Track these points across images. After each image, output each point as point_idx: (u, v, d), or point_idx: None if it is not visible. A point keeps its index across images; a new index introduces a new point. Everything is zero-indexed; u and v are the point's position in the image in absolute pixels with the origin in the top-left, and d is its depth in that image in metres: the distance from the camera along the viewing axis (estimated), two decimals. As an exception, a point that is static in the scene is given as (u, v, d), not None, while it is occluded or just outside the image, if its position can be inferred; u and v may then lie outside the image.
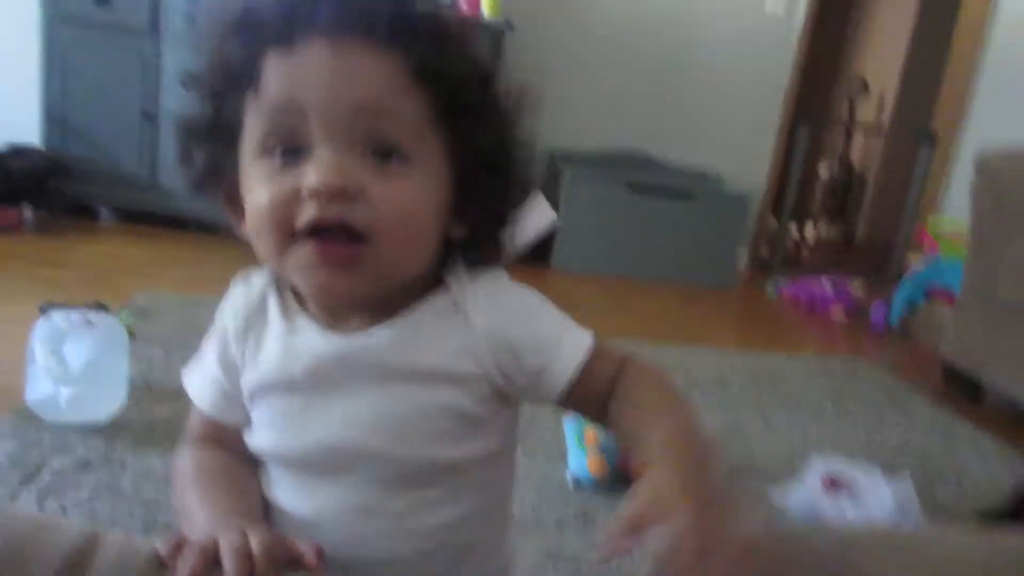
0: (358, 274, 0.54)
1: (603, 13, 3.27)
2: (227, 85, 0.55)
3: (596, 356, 0.60)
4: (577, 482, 1.33)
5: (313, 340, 0.58)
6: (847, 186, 4.78)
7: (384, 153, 0.53)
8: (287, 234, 0.53)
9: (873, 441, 1.70)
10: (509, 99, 0.60)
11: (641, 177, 3.17)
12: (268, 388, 0.60)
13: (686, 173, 3.40)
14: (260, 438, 0.61)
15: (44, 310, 1.72)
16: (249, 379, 0.60)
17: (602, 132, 3.39)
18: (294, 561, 0.51)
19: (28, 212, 2.52)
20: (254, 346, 0.61)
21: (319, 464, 0.59)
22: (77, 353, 1.32)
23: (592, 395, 0.60)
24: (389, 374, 0.57)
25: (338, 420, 0.58)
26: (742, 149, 3.49)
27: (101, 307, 1.68)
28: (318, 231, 0.52)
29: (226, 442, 0.64)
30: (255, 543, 0.49)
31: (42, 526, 0.39)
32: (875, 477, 1.36)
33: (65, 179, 2.63)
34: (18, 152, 2.60)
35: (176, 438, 1.31)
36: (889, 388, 2.10)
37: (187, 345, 1.78)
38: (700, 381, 1.94)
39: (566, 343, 0.60)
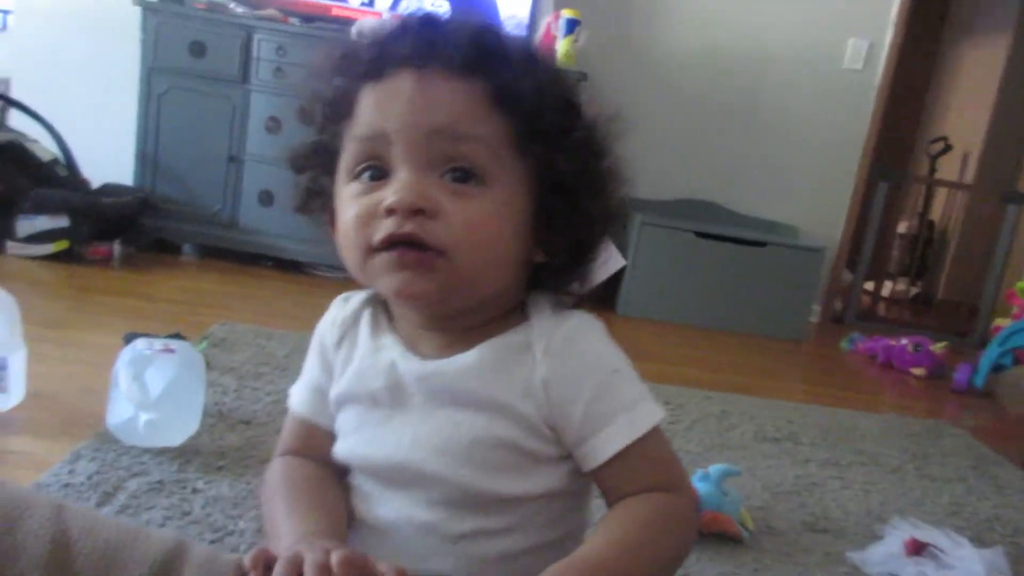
0: (432, 278, 0.56)
1: (677, 63, 3.30)
2: (328, 117, 0.60)
3: (643, 453, 0.58)
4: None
5: (394, 359, 0.61)
6: (927, 243, 4.63)
7: (461, 175, 0.56)
8: (368, 249, 0.57)
9: (960, 509, 1.60)
10: (596, 130, 0.61)
11: (712, 225, 3.14)
12: (352, 398, 0.63)
13: (758, 223, 3.36)
14: (341, 445, 0.64)
15: (128, 339, 1.79)
16: (338, 388, 0.64)
17: (673, 181, 3.38)
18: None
19: (117, 247, 2.66)
20: (345, 357, 0.65)
21: (389, 477, 0.61)
22: (157, 380, 1.36)
23: (618, 484, 0.58)
24: (458, 402, 0.59)
25: (408, 439, 0.60)
26: (817, 202, 3.43)
27: (180, 337, 1.75)
28: (393, 245, 0.55)
29: (316, 453, 0.66)
30: (336, 559, 0.50)
31: (133, 534, 0.40)
32: (963, 546, 1.28)
33: (152, 216, 2.77)
34: (112, 191, 2.75)
35: (246, 466, 1.34)
36: (976, 454, 1.99)
37: (259, 375, 1.82)
38: (770, 434, 1.88)
39: (616, 425, 0.58)
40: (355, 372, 0.64)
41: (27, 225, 2.47)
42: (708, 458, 1.64)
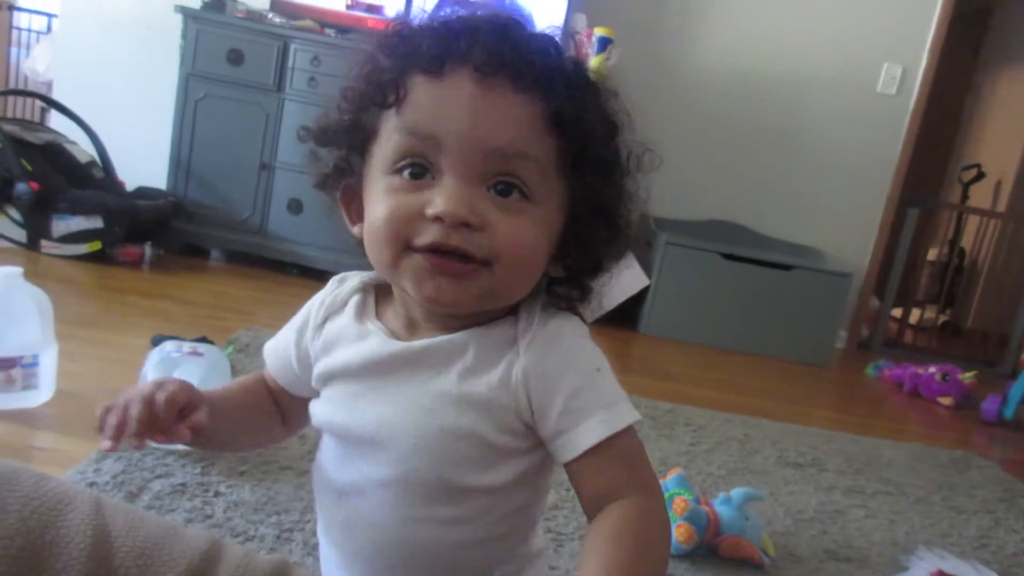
0: (467, 288, 0.56)
1: (708, 84, 3.29)
2: (372, 96, 0.58)
3: (619, 451, 0.58)
4: (662, 552, 1.28)
5: (375, 344, 0.62)
6: (957, 271, 4.56)
7: (506, 189, 0.56)
8: (403, 247, 0.56)
9: (988, 542, 1.57)
10: (629, 154, 0.61)
11: (738, 247, 3.13)
12: (333, 376, 0.65)
13: (785, 246, 3.34)
14: (319, 410, 0.66)
15: (156, 341, 1.81)
16: (319, 368, 0.66)
17: (700, 202, 3.37)
18: (189, 409, 0.58)
19: (148, 249, 2.70)
20: (328, 341, 0.66)
21: (357, 447, 0.62)
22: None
23: (588, 481, 0.58)
24: (431, 386, 0.60)
25: (380, 416, 0.61)
26: (846, 227, 3.40)
27: (208, 341, 1.76)
28: (435, 251, 0.55)
29: (277, 393, 0.71)
30: (161, 392, 0.56)
31: (172, 531, 0.41)
32: (990, 578, 1.25)
33: (183, 221, 2.81)
34: (145, 194, 2.79)
35: (267, 471, 1.34)
36: (1005, 486, 1.95)
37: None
38: (793, 459, 1.85)
39: (595, 419, 0.57)
40: (339, 356, 0.64)
41: (62, 225, 2.51)
42: (730, 482, 1.63)
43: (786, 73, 3.29)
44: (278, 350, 0.71)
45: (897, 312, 3.73)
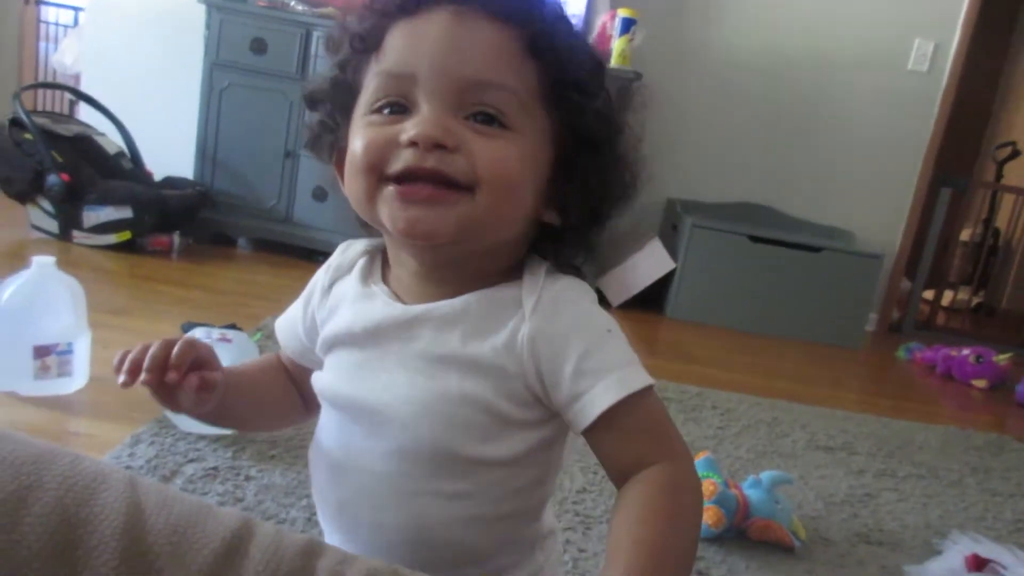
0: (444, 216, 0.54)
1: (734, 63, 3.24)
2: (355, 49, 0.58)
3: (637, 414, 0.55)
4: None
5: (377, 308, 0.61)
6: (991, 252, 4.47)
7: (485, 119, 0.55)
8: (377, 178, 0.55)
9: None
10: (619, 92, 0.61)
11: (766, 229, 3.09)
12: (338, 342, 0.63)
13: (814, 228, 3.29)
14: (321, 379, 0.65)
15: (186, 328, 1.84)
16: (325, 332, 0.65)
17: (726, 183, 3.33)
18: (206, 367, 0.60)
19: (176, 239, 2.73)
20: (334, 304, 0.65)
21: (357, 418, 0.61)
22: (214, 367, 1.40)
23: (613, 450, 0.56)
24: (434, 351, 0.58)
25: (381, 383, 0.59)
26: (877, 208, 3.34)
27: (236, 328, 1.78)
28: (409, 178, 0.54)
29: (292, 372, 0.72)
30: (176, 345, 0.58)
31: (204, 510, 0.41)
32: (1027, 562, 1.23)
33: (210, 210, 2.84)
34: (173, 184, 2.82)
35: (296, 456, 1.36)
36: (1040, 468, 1.91)
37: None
38: (824, 442, 1.83)
39: (609, 379, 0.55)
40: (342, 318, 0.63)
41: (93, 215, 2.55)
42: (759, 465, 1.61)
43: (814, 51, 3.23)
44: (286, 323, 0.70)
45: (929, 294, 3.67)
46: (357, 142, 0.56)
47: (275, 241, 2.92)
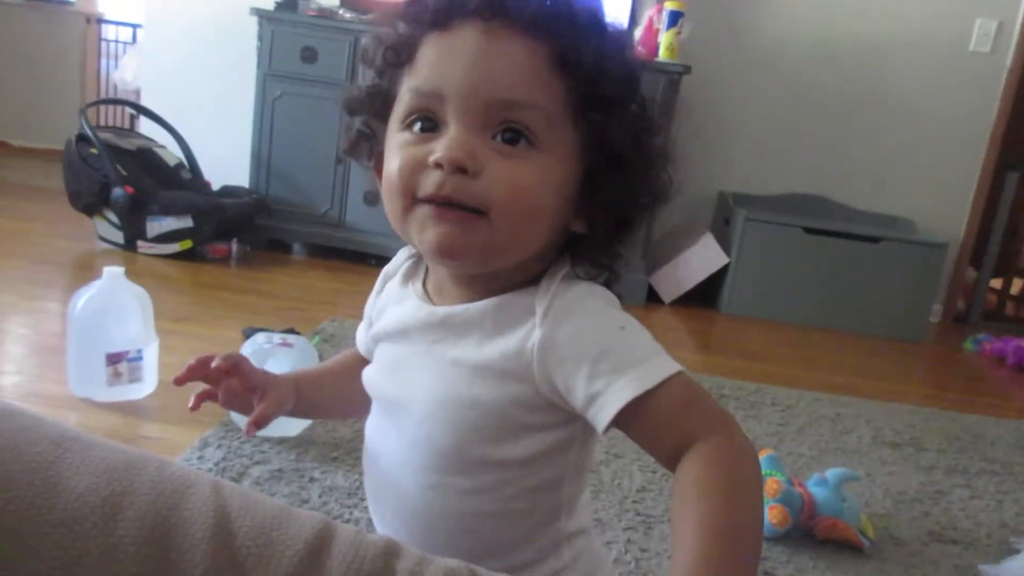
0: (470, 238, 0.55)
1: (785, 52, 3.18)
2: (388, 62, 0.59)
3: (664, 402, 0.54)
4: (754, 534, 1.26)
5: (409, 307, 0.65)
6: (1061, 236, 4.28)
7: (512, 136, 0.55)
8: (410, 199, 0.56)
9: (1106, 522, 1.48)
10: (649, 104, 0.60)
11: (822, 221, 3.02)
12: (380, 338, 0.68)
13: (873, 218, 3.20)
14: (366, 372, 0.70)
15: (247, 333, 1.88)
16: (374, 330, 0.70)
17: (780, 175, 3.27)
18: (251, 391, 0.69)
19: (235, 246, 2.80)
20: (382, 305, 0.70)
21: (388, 409, 0.65)
22: (277, 371, 1.43)
23: (649, 439, 0.55)
24: (452, 353, 0.60)
25: (407, 380, 0.63)
26: (938, 195, 3.24)
27: (296, 332, 1.82)
28: (435, 201, 0.55)
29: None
30: (221, 356, 0.68)
31: (285, 513, 0.42)
32: (1112, 561, 1.18)
33: (266, 217, 2.90)
34: (230, 193, 2.90)
35: (358, 457, 1.38)
36: (1123, 463, 1.83)
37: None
38: (890, 438, 1.78)
39: (627, 378, 0.54)
40: (386, 317, 0.68)
41: (155, 226, 2.63)
42: (822, 462, 1.58)
43: (869, 35, 3.14)
44: (361, 324, 0.75)
45: (997, 282, 3.54)
46: (391, 162, 0.58)
47: (329, 246, 2.97)
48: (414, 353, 0.63)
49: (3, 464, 0.35)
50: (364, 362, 0.75)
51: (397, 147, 0.58)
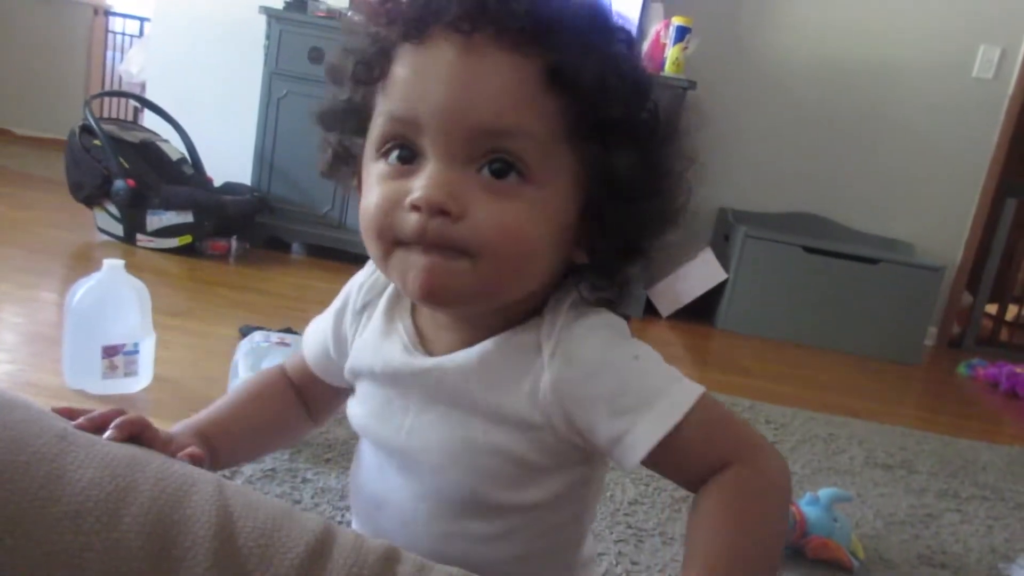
0: (457, 279, 0.49)
1: (790, 71, 3.20)
2: (360, 74, 0.52)
3: (692, 434, 0.50)
4: (745, 551, 1.26)
5: (396, 352, 0.58)
6: (1057, 264, 4.30)
7: (501, 167, 0.48)
8: (390, 243, 0.51)
9: (1095, 551, 1.48)
10: (663, 122, 0.52)
11: (821, 240, 3.03)
12: (362, 374, 0.61)
13: (871, 239, 3.22)
14: (354, 411, 0.62)
15: (244, 332, 1.88)
16: (353, 359, 0.62)
17: (781, 193, 3.28)
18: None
19: (234, 243, 2.80)
20: (360, 328, 0.62)
21: (389, 456, 0.59)
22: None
23: (677, 471, 0.52)
24: (454, 401, 0.55)
25: (406, 427, 0.57)
26: (937, 219, 3.26)
27: (292, 332, 1.82)
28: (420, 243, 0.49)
29: (303, 386, 0.68)
30: (120, 419, 0.52)
31: (287, 514, 0.42)
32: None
33: (267, 215, 2.90)
34: (232, 190, 2.90)
35: (351, 459, 1.37)
36: (1113, 493, 1.83)
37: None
38: (882, 460, 1.79)
39: (650, 416, 0.50)
40: (363, 348, 0.60)
41: (156, 220, 2.63)
42: (815, 482, 1.58)
43: (873, 58, 3.16)
44: (316, 335, 0.67)
45: (992, 308, 3.55)
46: (367, 198, 0.52)
47: (328, 247, 2.97)
48: (409, 398, 0.57)
49: (8, 455, 0.35)
50: (297, 385, 0.68)
51: (374, 180, 0.52)
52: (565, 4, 0.49)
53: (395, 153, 0.50)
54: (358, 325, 0.62)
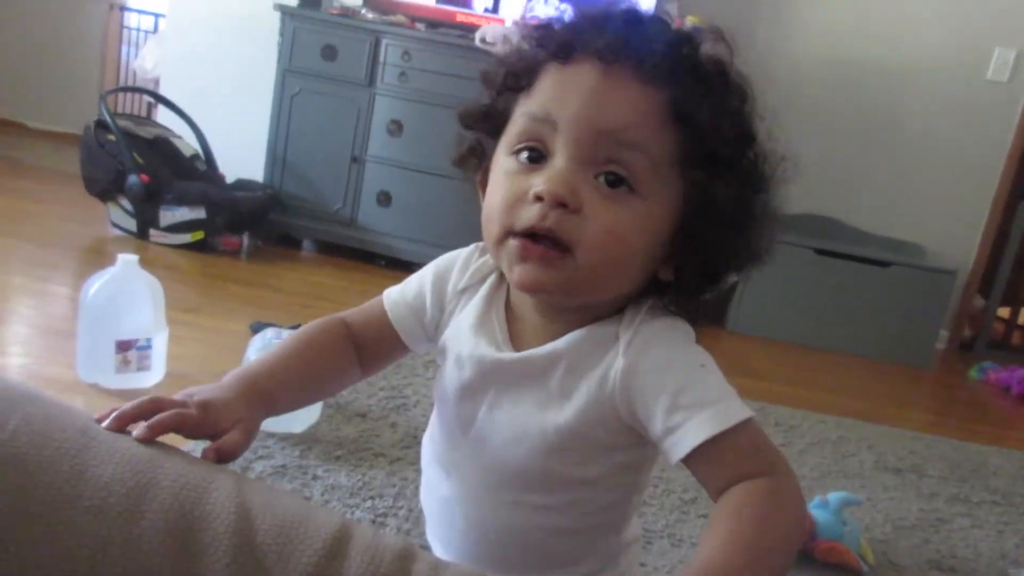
0: (554, 275, 0.56)
1: (802, 73, 3.18)
2: (507, 84, 0.61)
3: (735, 444, 0.54)
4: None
5: (486, 344, 0.64)
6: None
7: (615, 179, 0.55)
8: (507, 230, 0.57)
9: (1107, 558, 1.47)
10: (764, 164, 0.60)
11: (832, 243, 3.02)
12: (448, 352, 0.66)
13: (883, 242, 3.20)
14: (441, 383, 0.68)
15: (255, 328, 1.89)
16: (447, 335, 0.68)
17: (791, 195, 3.24)
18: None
19: (246, 239, 2.81)
20: (459, 310, 0.67)
21: (467, 430, 0.65)
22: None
23: (712, 477, 0.56)
24: (534, 385, 0.61)
25: (486, 407, 0.63)
26: (950, 222, 3.23)
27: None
28: (531, 235, 0.56)
29: (365, 335, 0.70)
30: (168, 415, 0.53)
31: (305, 511, 0.42)
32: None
33: (278, 212, 2.91)
34: (244, 186, 2.91)
35: (361, 457, 1.38)
36: (1126, 500, 1.82)
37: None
38: (892, 463, 1.78)
39: (703, 415, 0.55)
40: (457, 330, 0.66)
41: (169, 215, 2.64)
42: (824, 485, 1.58)
43: (886, 60, 3.15)
44: (408, 286, 0.71)
45: (1004, 312, 3.53)
46: (495, 190, 0.59)
47: (339, 244, 2.98)
48: (492, 385, 0.63)
49: (32, 449, 0.36)
50: (357, 336, 0.70)
51: (503, 174, 0.59)
52: (696, 53, 0.58)
53: (525, 153, 0.58)
54: (456, 304, 0.68)
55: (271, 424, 1.39)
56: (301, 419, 1.43)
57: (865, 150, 3.22)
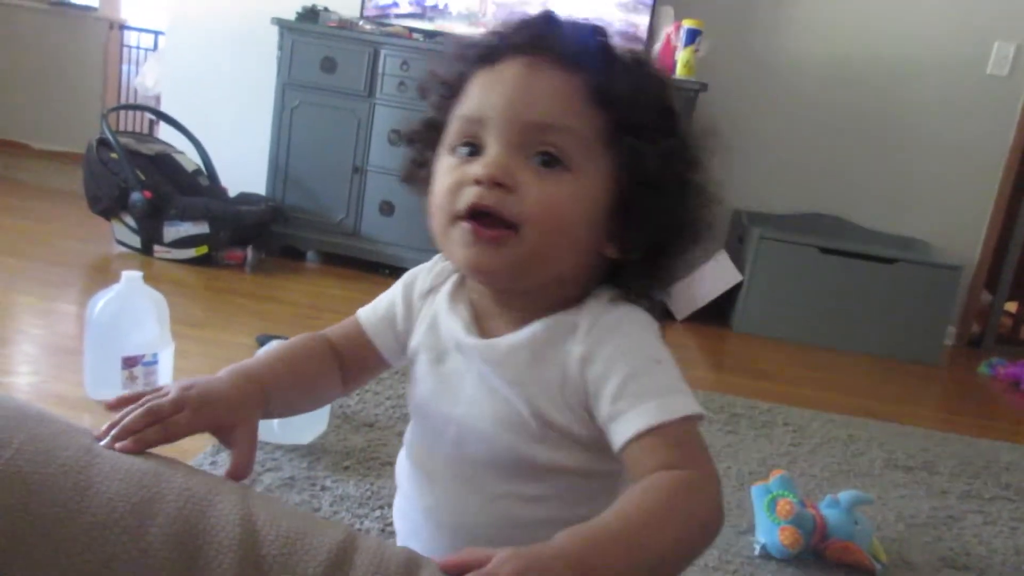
0: (503, 255, 0.59)
1: (802, 71, 3.18)
2: (442, 95, 0.65)
3: (673, 438, 0.56)
4: (764, 548, 1.25)
5: (457, 332, 0.66)
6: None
7: (548, 159, 0.59)
8: (451, 215, 0.61)
9: (1122, 552, 1.46)
10: (692, 141, 0.63)
11: (837, 240, 3.01)
12: (423, 349, 0.69)
13: (888, 239, 3.19)
14: (413, 392, 0.70)
15: (261, 340, 1.89)
16: (414, 339, 0.70)
17: (796, 194, 3.26)
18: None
19: (250, 252, 2.82)
20: (427, 309, 0.70)
21: (444, 430, 0.66)
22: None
23: (639, 468, 0.56)
24: (505, 375, 0.63)
25: (463, 399, 0.65)
26: (954, 217, 3.22)
27: (309, 340, 1.83)
28: (474, 215, 0.59)
29: (345, 354, 0.72)
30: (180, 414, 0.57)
31: (310, 522, 0.42)
32: None
33: (281, 224, 2.92)
34: (247, 200, 2.92)
35: (369, 467, 1.38)
36: None
37: (380, 380, 1.87)
38: (903, 461, 1.77)
39: (648, 405, 0.57)
40: (429, 326, 0.69)
41: (172, 231, 2.66)
42: (835, 484, 1.57)
43: (886, 56, 3.14)
44: (379, 302, 0.74)
45: (1012, 306, 3.51)
46: (438, 184, 0.63)
47: (343, 255, 2.98)
48: (466, 373, 0.65)
49: (37, 467, 0.36)
50: (340, 352, 0.72)
51: (444, 170, 0.63)
52: (609, 41, 0.63)
53: (463, 149, 0.62)
54: (422, 304, 0.71)
55: (279, 435, 1.39)
56: (309, 430, 1.43)
57: (867, 147, 3.22)
